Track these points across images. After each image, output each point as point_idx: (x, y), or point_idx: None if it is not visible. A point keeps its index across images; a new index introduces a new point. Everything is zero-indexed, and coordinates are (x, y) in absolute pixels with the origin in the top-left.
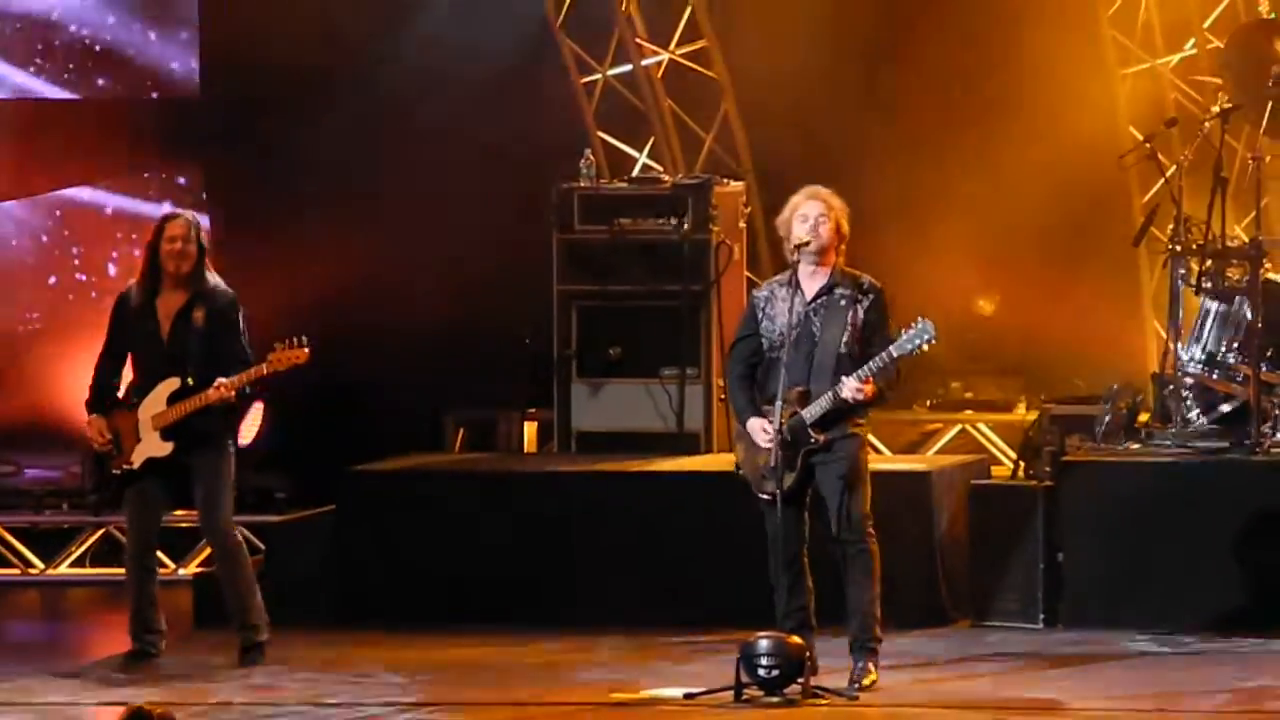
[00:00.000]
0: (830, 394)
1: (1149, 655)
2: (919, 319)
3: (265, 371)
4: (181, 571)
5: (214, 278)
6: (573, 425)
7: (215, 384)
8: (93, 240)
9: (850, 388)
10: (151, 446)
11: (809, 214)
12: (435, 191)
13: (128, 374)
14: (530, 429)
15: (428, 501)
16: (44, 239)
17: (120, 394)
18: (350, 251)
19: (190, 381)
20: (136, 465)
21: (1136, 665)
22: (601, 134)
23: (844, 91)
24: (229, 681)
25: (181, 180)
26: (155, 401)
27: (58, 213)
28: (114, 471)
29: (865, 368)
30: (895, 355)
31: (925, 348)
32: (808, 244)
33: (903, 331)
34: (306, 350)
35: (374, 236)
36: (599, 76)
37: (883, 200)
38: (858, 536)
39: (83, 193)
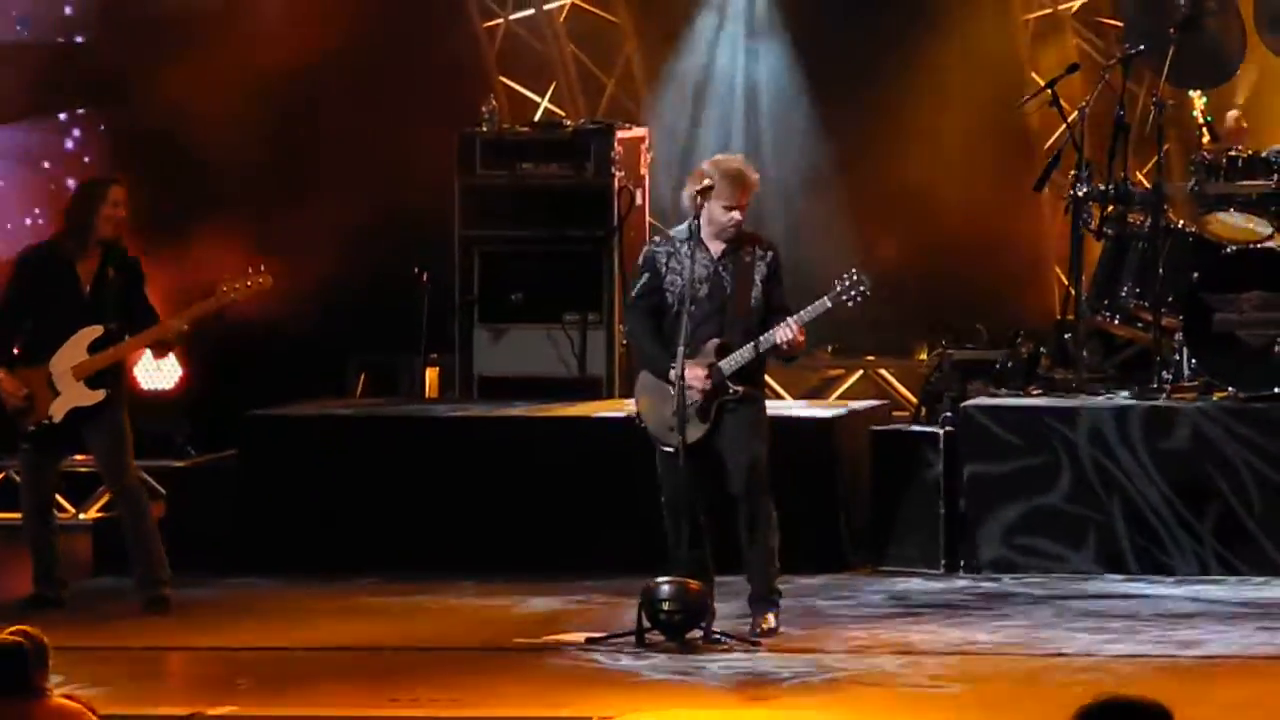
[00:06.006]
0: (751, 345)
1: (1047, 600)
2: (853, 271)
3: (226, 300)
4: (81, 516)
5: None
6: (474, 370)
7: (175, 316)
8: None
9: (788, 331)
10: (75, 396)
11: (733, 203)
12: (338, 136)
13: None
14: (432, 374)
15: (330, 446)
16: None
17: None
18: (250, 195)
19: (112, 327)
20: (58, 419)
21: (1035, 610)
22: (503, 78)
23: None
24: (132, 628)
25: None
26: (74, 352)
27: None
28: (30, 428)
29: (798, 315)
30: (830, 305)
31: (859, 299)
32: (729, 226)
33: (836, 283)
34: (269, 275)
35: (273, 179)
36: (500, 20)
37: (786, 143)
38: (758, 492)
39: None
